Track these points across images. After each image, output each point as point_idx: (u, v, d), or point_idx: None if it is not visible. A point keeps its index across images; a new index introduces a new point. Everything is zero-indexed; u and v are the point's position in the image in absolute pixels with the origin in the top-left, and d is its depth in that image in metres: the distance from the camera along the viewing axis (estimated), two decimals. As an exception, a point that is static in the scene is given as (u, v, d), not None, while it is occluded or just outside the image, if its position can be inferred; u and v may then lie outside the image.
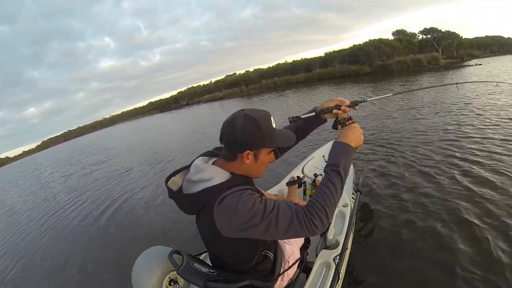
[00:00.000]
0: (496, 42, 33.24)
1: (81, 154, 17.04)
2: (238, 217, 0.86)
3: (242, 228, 0.87)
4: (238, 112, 0.97)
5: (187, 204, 0.99)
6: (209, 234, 0.99)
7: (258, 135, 0.94)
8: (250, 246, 1.02)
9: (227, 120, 0.98)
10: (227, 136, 0.96)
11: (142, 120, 41.30)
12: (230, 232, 0.89)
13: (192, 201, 0.95)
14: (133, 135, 20.45)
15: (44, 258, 3.54)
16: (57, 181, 9.63)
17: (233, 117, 0.96)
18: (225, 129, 0.96)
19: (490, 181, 2.84)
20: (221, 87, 40.83)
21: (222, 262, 1.08)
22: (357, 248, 2.19)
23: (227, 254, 1.04)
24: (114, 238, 3.54)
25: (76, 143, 35.31)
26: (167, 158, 7.50)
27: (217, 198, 0.88)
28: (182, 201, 1.00)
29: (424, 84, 11.81)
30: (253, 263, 1.06)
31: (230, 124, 0.95)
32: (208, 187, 0.92)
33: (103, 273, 2.82)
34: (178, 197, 1.00)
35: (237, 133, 0.93)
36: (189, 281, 1.07)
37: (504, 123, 4.58)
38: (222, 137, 0.98)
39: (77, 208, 5.23)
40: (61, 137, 77.32)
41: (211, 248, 1.10)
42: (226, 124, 0.97)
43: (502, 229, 2.14)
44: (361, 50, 25.89)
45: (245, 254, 1.04)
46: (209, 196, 0.91)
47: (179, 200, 1.00)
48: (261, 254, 1.07)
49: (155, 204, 4.26)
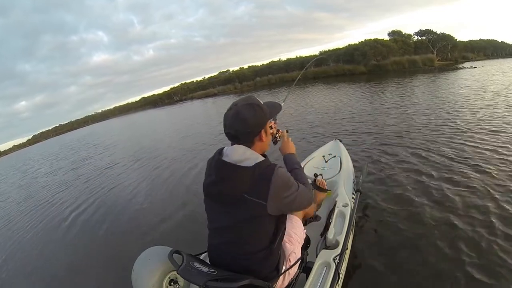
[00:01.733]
0: (490, 45, 33.53)
1: (72, 149, 16.78)
2: (288, 185, 1.08)
3: (287, 195, 1.07)
4: (234, 106, 1.08)
5: (242, 179, 1.03)
6: (248, 216, 1.05)
7: (261, 115, 1.11)
8: (277, 227, 1.13)
9: (231, 116, 1.07)
10: (242, 129, 1.07)
11: (135, 115, 40.79)
12: (278, 199, 1.04)
13: (249, 174, 1.03)
14: (127, 130, 20.20)
15: (39, 259, 3.43)
16: (48, 177, 9.38)
17: (235, 111, 1.06)
18: (235, 125, 1.07)
19: (493, 177, 2.90)
20: (214, 84, 40.28)
21: (241, 251, 1.10)
22: (357, 248, 2.19)
23: (255, 237, 1.09)
24: (114, 238, 3.46)
25: (68, 137, 34.70)
26: (164, 157, 7.29)
27: (272, 169, 1.04)
28: (238, 175, 1.04)
29: (420, 85, 11.90)
30: (267, 252, 1.11)
31: (237, 119, 1.06)
32: (259, 162, 1.05)
33: (103, 273, 2.77)
34: (236, 170, 1.04)
35: (249, 122, 1.06)
36: (189, 280, 1.08)
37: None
38: (236, 133, 1.07)
39: (75, 207, 5.01)
40: (52, 131, 75.84)
41: (238, 236, 1.09)
42: (232, 120, 1.07)
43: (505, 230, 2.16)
44: (356, 49, 25.94)
45: (270, 235, 1.11)
46: (263, 168, 1.04)
47: (235, 174, 1.04)
48: (278, 244, 1.16)
49: (155, 204, 4.18)
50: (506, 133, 4.24)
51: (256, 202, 1.02)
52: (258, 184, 1.02)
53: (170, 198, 4.21)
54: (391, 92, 10.56)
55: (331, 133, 5.87)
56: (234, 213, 1.06)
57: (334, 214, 1.86)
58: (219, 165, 1.07)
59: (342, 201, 2.01)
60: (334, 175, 2.54)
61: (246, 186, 1.02)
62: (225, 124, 1.09)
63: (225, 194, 1.06)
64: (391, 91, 10.84)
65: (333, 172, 2.62)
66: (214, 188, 1.09)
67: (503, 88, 8.27)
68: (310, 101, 11.47)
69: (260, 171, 1.03)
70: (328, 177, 2.46)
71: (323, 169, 2.69)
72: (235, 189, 1.03)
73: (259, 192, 1.02)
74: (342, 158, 2.82)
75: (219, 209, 1.10)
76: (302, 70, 3.10)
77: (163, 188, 4.78)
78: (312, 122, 7.28)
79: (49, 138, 59.73)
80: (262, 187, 1.02)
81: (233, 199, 1.04)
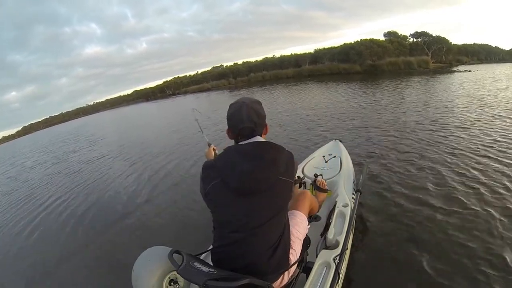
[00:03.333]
0: (484, 50, 34.06)
1: (64, 142, 16.46)
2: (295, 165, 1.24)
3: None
4: (244, 103, 1.20)
5: (280, 159, 1.15)
6: (276, 200, 1.14)
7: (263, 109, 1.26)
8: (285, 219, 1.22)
9: (246, 111, 1.18)
10: (259, 121, 1.20)
11: (127, 108, 40.23)
12: (294, 177, 1.21)
13: (284, 154, 1.17)
14: (121, 123, 19.94)
15: (37, 258, 3.33)
16: (41, 172, 9.11)
17: (249, 107, 1.19)
18: (254, 118, 1.18)
19: (494, 182, 2.93)
20: (208, 78, 39.93)
21: (251, 249, 1.11)
22: (357, 248, 2.20)
23: (271, 228, 1.14)
24: (113, 238, 3.38)
25: (60, 129, 34.02)
26: (161, 155, 7.05)
27: (290, 151, 1.21)
28: (279, 155, 1.15)
29: (414, 86, 12.02)
30: (273, 249, 1.14)
31: (252, 110, 1.19)
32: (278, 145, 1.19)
33: (103, 273, 2.72)
34: (278, 150, 1.16)
35: (262, 115, 1.23)
36: (189, 280, 1.08)
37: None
38: (254, 126, 1.18)
39: (73, 206, 4.82)
40: (42, 123, 74.37)
41: (255, 231, 1.11)
42: (250, 114, 1.18)
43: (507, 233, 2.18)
44: (352, 49, 26.10)
45: (282, 227, 1.18)
46: (284, 150, 1.19)
47: (277, 154, 1.15)
48: (282, 241, 1.18)
49: (155, 203, 4.10)
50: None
51: (287, 182, 1.15)
52: (288, 163, 1.16)
53: (170, 198, 4.15)
54: (390, 92, 10.64)
55: (331, 133, 5.87)
56: (265, 201, 1.11)
57: (334, 214, 1.86)
58: (268, 146, 1.15)
59: (342, 201, 2.02)
60: (334, 175, 2.55)
61: (283, 166, 1.14)
62: (241, 119, 1.17)
63: (263, 179, 1.10)
64: (390, 91, 10.92)
65: (333, 172, 2.62)
66: (248, 177, 1.09)
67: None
68: (309, 100, 11.45)
69: (285, 152, 1.17)
70: (328, 177, 2.47)
71: (323, 169, 2.69)
72: (277, 170, 1.12)
73: (289, 171, 1.16)
74: (342, 158, 2.82)
75: (244, 202, 1.11)
76: (296, 68, 3.07)
77: (163, 188, 4.68)
78: (312, 122, 7.26)
79: (39, 130, 58.55)
80: (290, 166, 1.17)
81: (268, 182, 1.10)
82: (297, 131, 6.54)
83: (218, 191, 1.12)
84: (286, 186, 1.15)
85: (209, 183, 1.13)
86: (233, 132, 1.22)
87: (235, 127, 1.20)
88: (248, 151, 1.12)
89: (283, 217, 1.18)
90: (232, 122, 1.20)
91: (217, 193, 1.13)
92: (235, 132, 1.21)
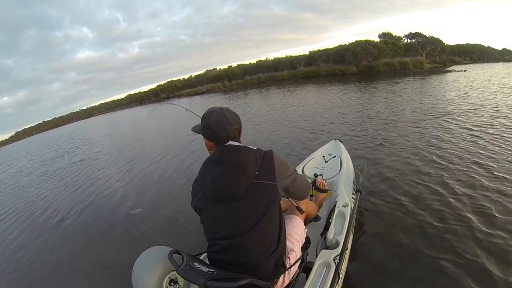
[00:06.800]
0: (476, 50, 34.49)
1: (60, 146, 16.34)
2: (287, 165, 1.21)
3: (289, 174, 1.19)
4: (220, 109, 1.21)
5: (252, 161, 1.10)
6: (263, 203, 1.10)
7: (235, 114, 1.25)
8: (281, 221, 1.19)
9: (224, 117, 1.17)
10: (236, 125, 1.21)
11: (121, 112, 39.99)
12: (283, 177, 1.15)
13: (256, 155, 1.12)
14: (116, 128, 19.82)
15: (35, 259, 3.30)
16: (41, 175, 9.04)
17: (225, 114, 1.19)
18: (233, 123, 1.19)
19: (496, 178, 2.95)
20: (202, 82, 39.59)
21: (247, 251, 1.10)
22: (357, 248, 2.20)
23: (266, 231, 1.12)
24: (113, 238, 3.37)
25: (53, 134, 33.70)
26: (159, 155, 7.10)
27: (271, 151, 1.17)
28: (249, 156, 1.11)
29: (410, 86, 12.10)
30: (271, 251, 1.13)
31: (232, 118, 1.20)
32: (256, 147, 1.18)
33: (103, 273, 2.71)
34: (246, 150, 1.13)
35: (238, 120, 1.23)
36: (189, 280, 1.08)
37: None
38: (233, 131, 1.18)
39: (72, 207, 4.81)
40: (36, 128, 73.46)
41: (248, 234, 1.10)
42: (228, 119, 1.18)
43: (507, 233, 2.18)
44: (348, 50, 26.24)
45: (277, 229, 1.16)
46: (263, 151, 1.17)
47: (245, 154, 1.12)
48: (280, 243, 1.17)
49: (154, 204, 4.09)
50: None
51: (267, 184, 1.10)
52: (264, 165, 1.11)
53: (170, 198, 4.16)
54: (389, 93, 10.69)
55: (331, 133, 5.89)
56: (246, 207, 1.09)
57: (334, 214, 1.86)
58: (230, 149, 1.13)
59: (342, 201, 2.01)
60: (334, 175, 2.55)
61: (256, 169, 1.09)
62: (218, 127, 1.16)
63: (232, 184, 1.08)
64: (388, 92, 10.96)
65: (333, 172, 2.62)
66: (219, 184, 1.09)
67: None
68: (306, 102, 11.46)
69: (261, 153, 1.14)
70: (328, 177, 2.47)
71: (323, 169, 2.69)
72: (246, 173, 1.08)
73: (267, 173, 1.11)
74: (342, 158, 2.82)
75: (226, 210, 1.11)
76: (291, 70, 3.07)
77: (162, 187, 4.70)
78: (312, 122, 7.28)
79: (32, 135, 57.88)
80: (268, 168, 1.11)
81: (242, 187, 1.07)
82: (297, 131, 6.56)
83: (202, 203, 1.16)
84: (267, 190, 1.10)
85: (195, 197, 1.19)
86: (209, 141, 1.22)
87: (207, 135, 1.20)
88: (215, 158, 1.14)
89: (275, 219, 1.15)
90: (204, 132, 1.21)
91: (202, 205, 1.17)
92: (211, 141, 1.21)
